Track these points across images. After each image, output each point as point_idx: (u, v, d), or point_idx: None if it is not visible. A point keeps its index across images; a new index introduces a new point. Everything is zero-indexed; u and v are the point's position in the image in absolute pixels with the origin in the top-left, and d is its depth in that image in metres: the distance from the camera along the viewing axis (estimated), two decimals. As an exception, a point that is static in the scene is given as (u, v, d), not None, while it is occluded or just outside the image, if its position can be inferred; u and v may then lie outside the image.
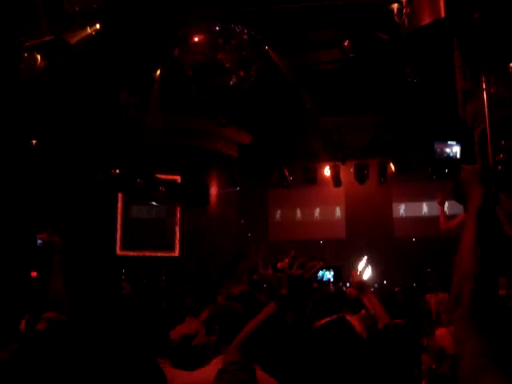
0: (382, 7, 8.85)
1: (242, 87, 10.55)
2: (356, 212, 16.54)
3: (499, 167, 12.02)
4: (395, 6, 11.28)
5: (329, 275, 3.37)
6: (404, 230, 16.47)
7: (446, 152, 2.55)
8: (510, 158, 12.10)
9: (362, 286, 5.35)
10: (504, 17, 10.05)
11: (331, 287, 6.93)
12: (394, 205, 16.88)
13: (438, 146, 2.54)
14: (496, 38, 9.63)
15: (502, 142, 11.94)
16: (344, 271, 3.66)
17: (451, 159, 2.52)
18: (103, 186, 14.39)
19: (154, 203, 15.62)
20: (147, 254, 15.60)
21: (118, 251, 15.55)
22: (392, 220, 16.79)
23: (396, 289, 8.98)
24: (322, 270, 3.31)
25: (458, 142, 2.55)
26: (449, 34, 8.72)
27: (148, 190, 14.84)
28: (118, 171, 14.27)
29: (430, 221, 14.32)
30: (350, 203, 16.83)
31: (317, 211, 17.21)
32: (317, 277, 3.26)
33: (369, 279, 5.89)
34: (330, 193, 16.67)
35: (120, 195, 15.67)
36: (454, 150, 2.55)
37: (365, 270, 5.72)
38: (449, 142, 2.54)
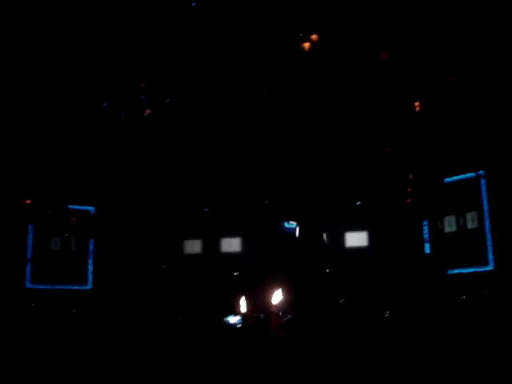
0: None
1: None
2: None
3: (408, 200, 12.67)
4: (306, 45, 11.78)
5: None
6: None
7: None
8: (417, 191, 12.77)
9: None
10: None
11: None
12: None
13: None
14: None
15: (410, 176, 12.59)
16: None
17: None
18: (13, 217, 13.97)
19: (66, 235, 15.25)
20: (58, 287, 15.16)
21: (28, 284, 15.03)
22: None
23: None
24: None
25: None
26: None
27: (60, 221, 14.53)
28: (28, 201, 13.91)
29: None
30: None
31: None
32: None
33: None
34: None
35: (31, 226, 15.19)
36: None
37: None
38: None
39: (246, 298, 11.51)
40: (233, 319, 12.12)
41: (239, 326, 11.57)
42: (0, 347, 10.53)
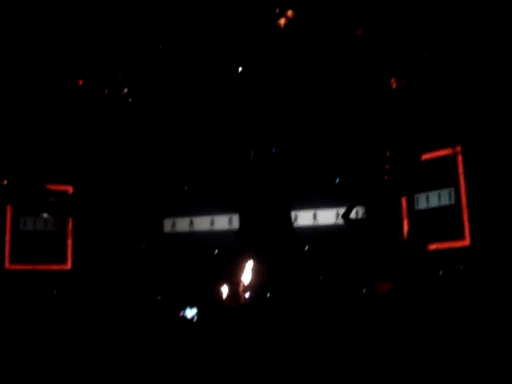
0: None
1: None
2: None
3: (385, 177, 12.68)
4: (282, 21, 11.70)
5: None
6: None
7: None
8: (394, 167, 12.77)
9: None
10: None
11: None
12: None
13: None
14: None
15: (388, 152, 12.58)
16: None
17: None
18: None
19: (44, 215, 15.17)
20: (38, 267, 15.12)
21: (7, 265, 14.98)
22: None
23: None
24: None
25: None
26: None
27: (38, 200, 14.44)
28: (5, 182, 13.82)
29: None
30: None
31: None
32: None
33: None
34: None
35: (8, 207, 15.09)
36: None
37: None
38: None
39: (226, 281, 11.56)
40: (190, 312, 11.96)
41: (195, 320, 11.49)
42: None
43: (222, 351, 8.29)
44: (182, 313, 11.77)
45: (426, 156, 13.25)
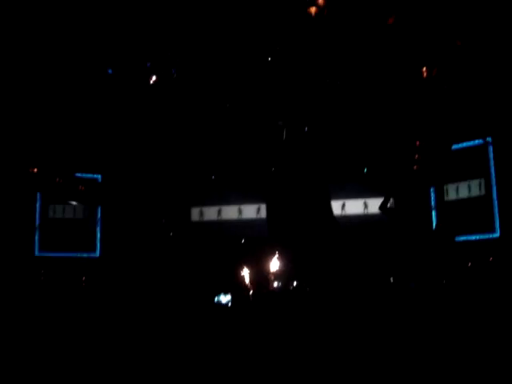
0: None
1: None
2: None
3: (415, 167, 12.62)
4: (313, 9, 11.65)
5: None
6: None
7: None
8: (424, 157, 12.70)
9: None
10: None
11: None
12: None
13: None
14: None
15: (417, 142, 12.50)
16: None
17: None
18: (21, 185, 14.03)
19: (73, 203, 15.32)
20: (67, 254, 15.29)
21: (37, 252, 15.17)
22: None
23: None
24: None
25: None
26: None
27: (67, 189, 14.59)
28: (36, 170, 13.96)
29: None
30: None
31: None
32: None
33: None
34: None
35: (38, 194, 15.27)
36: None
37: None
38: None
39: (252, 268, 11.60)
40: (224, 298, 12.05)
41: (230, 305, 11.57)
42: (10, 314, 10.69)
43: (255, 336, 8.35)
44: (216, 298, 11.89)
45: (456, 146, 13.20)
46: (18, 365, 7.40)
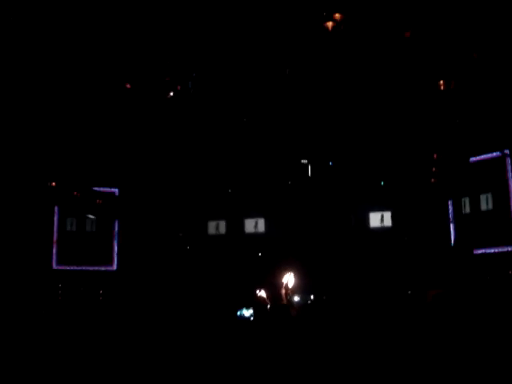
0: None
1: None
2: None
3: (432, 180, 12.61)
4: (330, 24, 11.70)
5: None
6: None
7: None
8: (442, 170, 12.69)
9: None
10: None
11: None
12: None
13: None
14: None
15: (435, 155, 12.51)
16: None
17: None
18: (39, 198, 14.13)
19: (91, 216, 15.40)
20: (84, 267, 15.35)
21: (54, 265, 15.24)
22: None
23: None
24: None
25: None
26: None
27: (85, 202, 14.69)
28: (54, 184, 14.07)
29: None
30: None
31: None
32: None
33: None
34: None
35: (56, 208, 15.35)
36: None
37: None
38: None
39: (268, 282, 11.63)
40: (247, 312, 12.14)
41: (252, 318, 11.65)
42: (29, 325, 10.74)
43: (280, 347, 8.36)
44: (239, 312, 11.93)
45: (473, 159, 13.16)
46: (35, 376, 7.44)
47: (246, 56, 12.37)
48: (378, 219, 14.55)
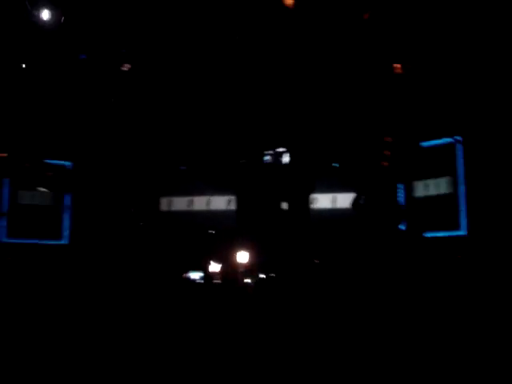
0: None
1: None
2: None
3: (384, 163, 12.69)
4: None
5: None
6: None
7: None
8: (394, 154, 12.78)
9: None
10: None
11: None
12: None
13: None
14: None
15: (387, 138, 12.58)
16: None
17: None
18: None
19: (42, 189, 15.17)
20: (35, 241, 15.16)
21: (5, 238, 15.02)
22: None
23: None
24: None
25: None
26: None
27: (36, 175, 14.46)
28: (4, 155, 13.81)
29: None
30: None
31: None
32: None
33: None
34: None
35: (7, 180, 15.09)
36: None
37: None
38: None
39: (218, 257, 11.65)
40: (194, 275, 12.35)
41: (200, 281, 11.79)
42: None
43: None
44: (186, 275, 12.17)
45: (425, 144, 13.30)
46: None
47: (202, 31, 12.25)
48: (329, 200, 14.66)
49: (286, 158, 14.07)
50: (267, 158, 14.26)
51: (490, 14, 11.66)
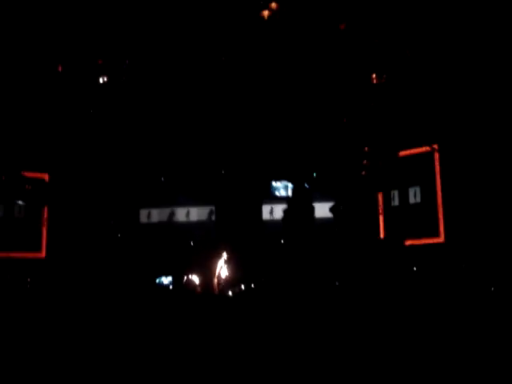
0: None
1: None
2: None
3: (363, 172, 12.82)
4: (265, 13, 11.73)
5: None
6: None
7: None
8: (373, 163, 12.91)
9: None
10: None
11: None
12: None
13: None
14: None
15: (366, 148, 12.71)
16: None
17: None
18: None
19: (19, 202, 15.00)
20: (12, 254, 14.95)
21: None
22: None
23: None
24: None
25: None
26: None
27: (13, 187, 14.30)
28: (-20, 168, 13.66)
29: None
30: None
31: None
32: None
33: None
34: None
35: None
36: None
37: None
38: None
39: (198, 268, 11.69)
40: (165, 280, 12.45)
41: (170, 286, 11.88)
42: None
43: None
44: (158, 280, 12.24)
45: (403, 153, 13.45)
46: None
47: (181, 42, 12.29)
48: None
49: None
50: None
51: (463, 24, 11.89)
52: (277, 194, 15.29)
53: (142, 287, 12.39)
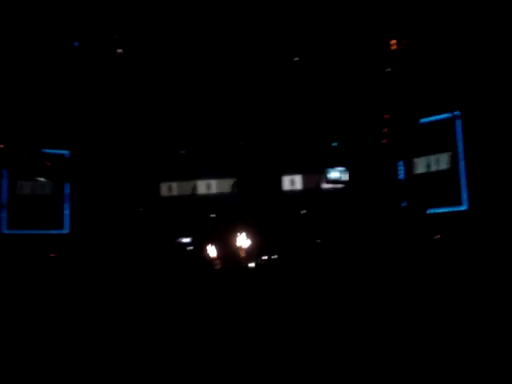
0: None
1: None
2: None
3: (384, 140, 12.65)
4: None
5: None
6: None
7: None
8: (393, 131, 12.73)
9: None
10: None
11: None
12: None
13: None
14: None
15: (386, 116, 12.51)
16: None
17: None
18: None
19: (41, 179, 15.11)
20: (36, 231, 15.11)
21: (5, 230, 14.96)
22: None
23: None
24: None
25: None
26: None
27: (34, 165, 14.40)
28: (2, 146, 13.74)
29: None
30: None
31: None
32: None
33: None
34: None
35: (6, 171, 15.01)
36: None
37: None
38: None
39: (218, 242, 11.68)
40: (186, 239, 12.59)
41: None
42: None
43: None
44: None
45: (424, 120, 13.23)
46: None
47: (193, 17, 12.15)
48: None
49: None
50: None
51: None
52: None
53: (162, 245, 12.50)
